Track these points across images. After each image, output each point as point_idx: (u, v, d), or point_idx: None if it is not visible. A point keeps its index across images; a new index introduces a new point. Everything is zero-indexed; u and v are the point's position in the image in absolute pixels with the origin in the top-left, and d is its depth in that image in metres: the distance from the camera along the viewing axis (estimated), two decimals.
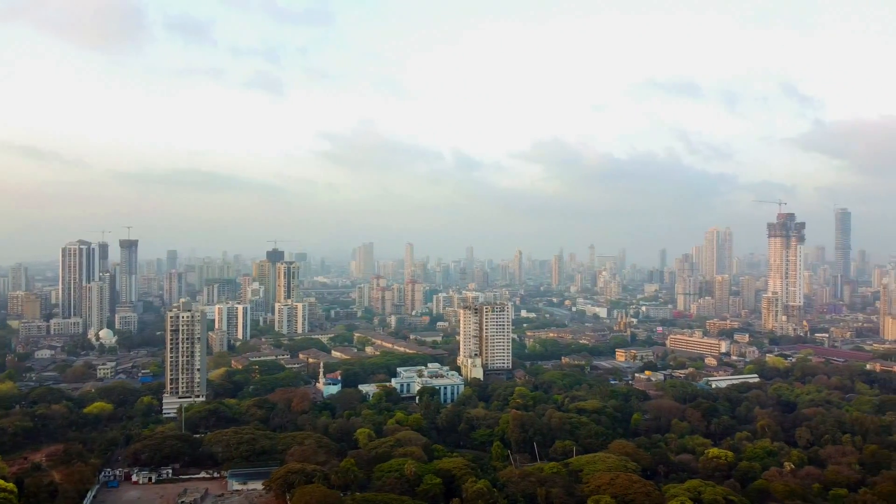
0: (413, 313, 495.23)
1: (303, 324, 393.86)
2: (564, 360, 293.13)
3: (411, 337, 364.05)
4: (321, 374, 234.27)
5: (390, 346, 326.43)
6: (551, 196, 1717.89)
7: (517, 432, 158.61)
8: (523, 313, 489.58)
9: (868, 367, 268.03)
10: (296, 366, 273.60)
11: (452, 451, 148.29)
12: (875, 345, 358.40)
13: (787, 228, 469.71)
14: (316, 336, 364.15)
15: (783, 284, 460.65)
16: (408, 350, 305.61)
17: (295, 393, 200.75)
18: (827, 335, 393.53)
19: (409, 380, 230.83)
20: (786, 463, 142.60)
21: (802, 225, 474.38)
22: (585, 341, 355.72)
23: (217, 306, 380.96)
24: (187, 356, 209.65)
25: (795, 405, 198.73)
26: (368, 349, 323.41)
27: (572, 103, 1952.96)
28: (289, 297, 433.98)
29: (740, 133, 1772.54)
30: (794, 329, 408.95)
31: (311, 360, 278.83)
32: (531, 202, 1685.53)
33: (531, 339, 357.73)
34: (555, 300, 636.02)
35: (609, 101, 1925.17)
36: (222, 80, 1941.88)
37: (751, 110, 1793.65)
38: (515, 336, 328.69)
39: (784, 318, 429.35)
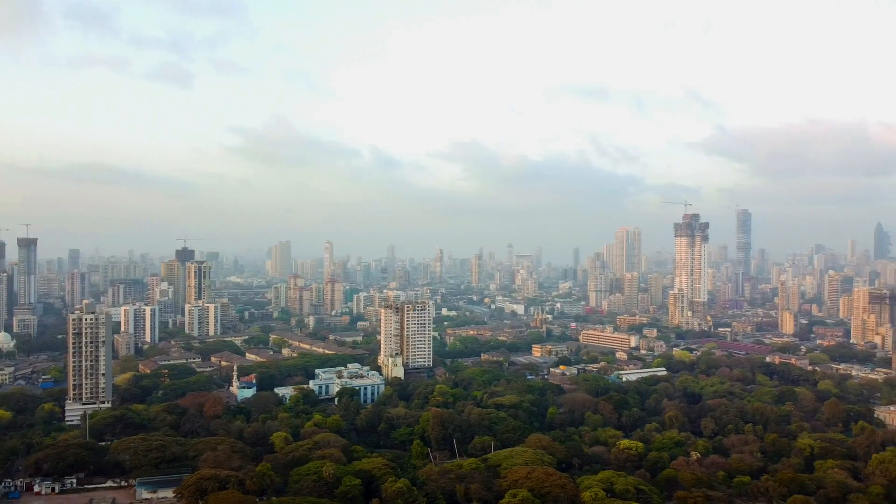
0: (333, 313, 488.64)
1: (215, 326, 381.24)
2: (484, 356, 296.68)
3: (331, 337, 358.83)
4: (235, 377, 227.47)
5: (308, 347, 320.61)
6: (471, 196, 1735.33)
7: (437, 430, 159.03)
8: (444, 311, 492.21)
9: (767, 359, 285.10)
10: (208, 369, 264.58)
11: (372, 452, 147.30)
12: (774, 338, 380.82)
13: (692, 228, 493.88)
14: (229, 338, 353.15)
15: (688, 281, 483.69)
16: (327, 351, 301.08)
17: (207, 397, 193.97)
18: (729, 329, 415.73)
19: (328, 381, 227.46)
20: (692, 452, 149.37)
21: (706, 225, 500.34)
22: (504, 338, 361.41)
23: (123, 308, 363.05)
24: (91, 360, 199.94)
25: (701, 397, 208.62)
26: (285, 351, 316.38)
27: (489, 105, 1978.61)
28: (200, 297, 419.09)
29: (648, 136, 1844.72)
30: (699, 324, 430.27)
31: (224, 363, 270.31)
32: (451, 202, 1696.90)
33: (452, 337, 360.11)
34: (475, 298, 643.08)
35: (525, 104, 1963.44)
36: (125, 70, 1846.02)
37: (657, 114, 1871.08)
38: (436, 334, 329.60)
39: (689, 313, 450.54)
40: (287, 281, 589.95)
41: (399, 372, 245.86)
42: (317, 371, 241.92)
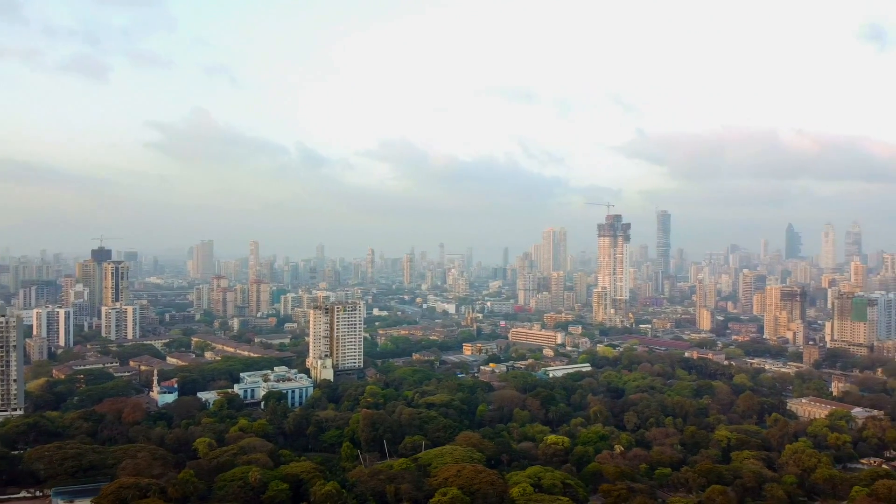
0: (258, 315, 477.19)
1: (134, 329, 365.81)
2: (415, 356, 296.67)
3: (256, 340, 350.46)
4: (155, 382, 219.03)
5: (233, 350, 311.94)
6: (401, 195, 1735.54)
7: (367, 431, 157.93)
8: (375, 311, 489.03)
9: (686, 354, 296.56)
10: (126, 374, 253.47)
11: (300, 456, 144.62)
12: (692, 334, 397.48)
13: (615, 228, 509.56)
14: (149, 342, 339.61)
15: (611, 280, 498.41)
16: (252, 354, 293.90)
17: (126, 403, 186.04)
18: (650, 326, 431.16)
19: (254, 385, 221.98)
20: (616, 446, 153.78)
21: (628, 225, 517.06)
22: (435, 337, 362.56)
23: (35, 310, 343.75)
24: (2, 366, 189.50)
25: (623, 391, 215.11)
26: (208, 354, 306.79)
27: (418, 104, 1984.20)
28: (118, 299, 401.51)
29: (572, 139, 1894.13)
30: (622, 321, 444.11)
31: (143, 368, 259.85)
32: (382, 200, 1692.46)
33: (383, 338, 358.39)
34: (406, 298, 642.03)
35: (453, 105, 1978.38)
36: (37, 62, 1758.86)
37: (582, 118, 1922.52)
38: (367, 335, 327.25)
39: (612, 310, 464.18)
40: (210, 282, 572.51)
41: (328, 374, 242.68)
42: (242, 375, 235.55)
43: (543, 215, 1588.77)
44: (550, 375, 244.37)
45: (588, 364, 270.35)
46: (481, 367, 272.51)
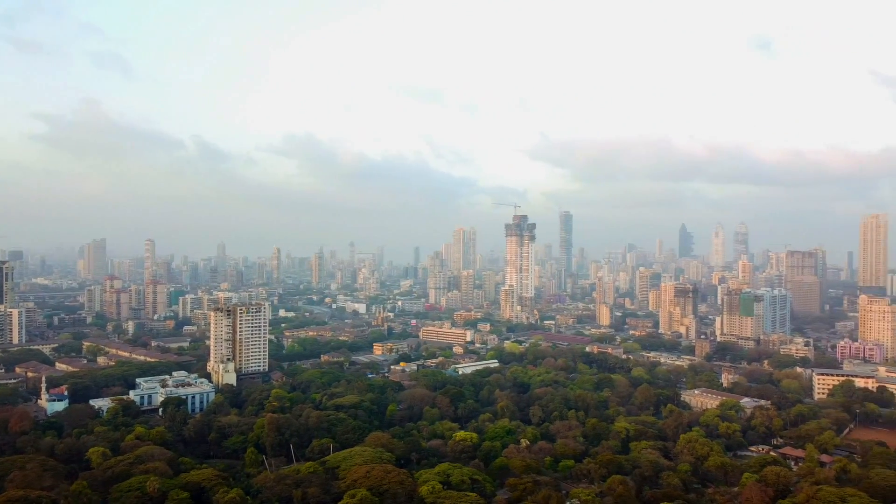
0: (155, 317, 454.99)
1: (20, 333, 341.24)
2: (324, 357, 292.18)
3: (153, 344, 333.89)
4: (43, 389, 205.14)
5: (128, 354, 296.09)
6: (308, 192, 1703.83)
7: (273, 436, 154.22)
8: (282, 313, 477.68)
9: (587, 349, 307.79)
10: (12, 381, 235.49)
11: (202, 463, 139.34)
12: (593, 329, 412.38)
13: (521, 228, 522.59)
14: (36, 346, 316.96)
15: (518, 278, 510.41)
16: (149, 358, 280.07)
17: (12, 412, 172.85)
18: (554, 322, 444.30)
19: (151, 391, 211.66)
20: (522, 440, 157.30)
21: (533, 226, 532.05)
22: (345, 337, 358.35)
23: None
24: None
25: (529, 386, 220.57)
26: (101, 359, 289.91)
27: (323, 100, 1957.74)
28: (1, 302, 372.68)
29: (480, 140, 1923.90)
30: (528, 317, 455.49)
31: (30, 374, 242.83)
32: (288, 198, 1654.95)
33: (290, 339, 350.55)
34: (315, 298, 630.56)
35: (360, 102, 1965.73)
36: None
37: (489, 120, 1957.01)
38: (273, 337, 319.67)
39: (519, 308, 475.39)
40: (102, 282, 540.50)
41: (231, 378, 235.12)
42: (138, 380, 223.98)
43: (453, 215, 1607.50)
44: (460, 373, 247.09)
45: (496, 360, 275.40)
46: (392, 367, 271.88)
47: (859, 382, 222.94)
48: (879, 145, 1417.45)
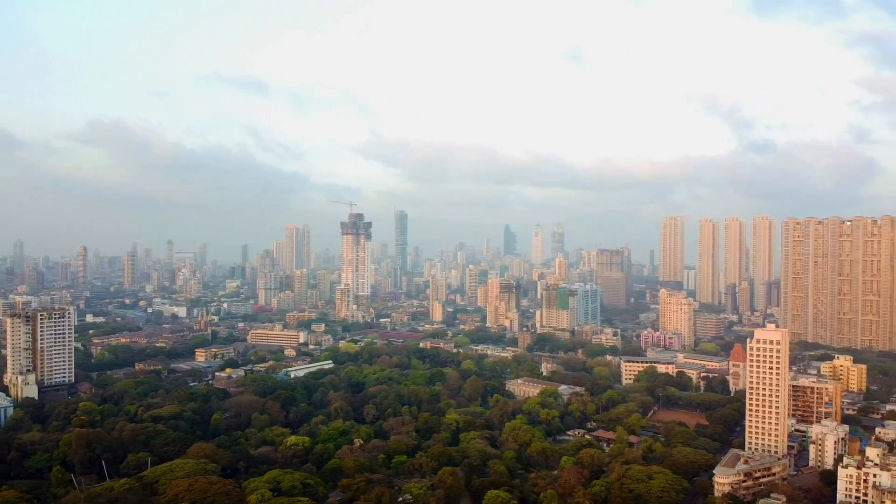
0: None
1: None
2: (139, 366, 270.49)
3: None
4: None
5: None
6: (119, 185, 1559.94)
7: (82, 452, 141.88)
8: (90, 318, 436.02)
9: (421, 345, 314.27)
10: None
11: (1, 486, 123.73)
12: (426, 326, 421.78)
13: (357, 227, 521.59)
14: None
15: (354, 277, 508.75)
16: None
17: None
18: (389, 320, 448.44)
19: None
20: (356, 440, 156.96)
21: (369, 224, 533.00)
22: (163, 344, 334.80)
23: None
24: None
25: (364, 385, 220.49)
26: None
27: (132, 86, 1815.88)
28: None
29: (309, 135, 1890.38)
30: (363, 316, 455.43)
31: None
32: (96, 191, 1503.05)
33: (100, 347, 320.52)
34: (128, 301, 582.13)
35: (174, 89, 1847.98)
36: None
37: (317, 114, 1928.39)
38: (80, 344, 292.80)
39: (355, 307, 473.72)
40: None
41: (32, 391, 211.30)
42: None
43: (285, 212, 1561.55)
44: (292, 376, 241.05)
45: (331, 361, 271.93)
46: (216, 374, 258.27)
47: (661, 368, 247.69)
48: (678, 154, 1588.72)
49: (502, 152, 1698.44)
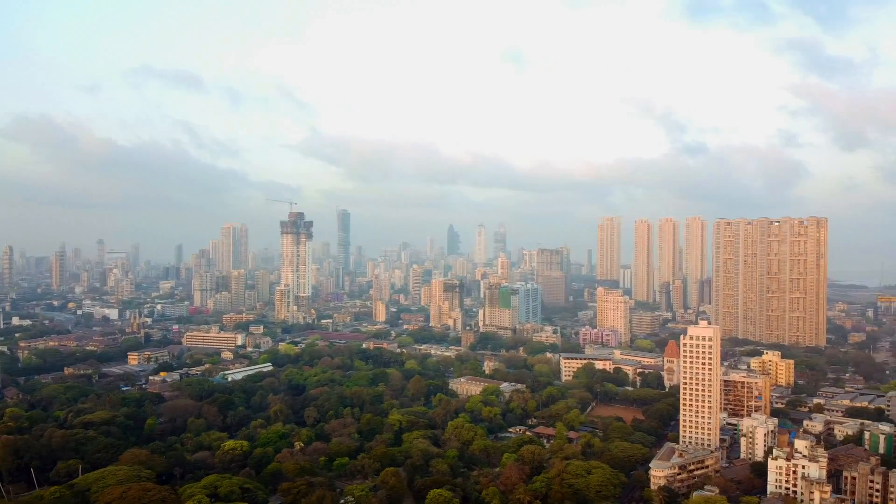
0: None
1: None
2: (68, 370, 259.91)
3: None
4: None
5: None
6: (46, 182, 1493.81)
7: (10, 460, 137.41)
8: (15, 321, 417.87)
9: (364, 345, 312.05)
10: None
11: None
12: (369, 326, 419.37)
13: (298, 226, 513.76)
14: None
15: (294, 277, 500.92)
16: None
17: None
18: (331, 321, 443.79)
19: None
20: (296, 443, 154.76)
21: (310, 223, 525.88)
22: (93, 347, 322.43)
23: None
24: None
25: (305, 387, 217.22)
26: None
27: (57, 79, 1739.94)
28: None
29: (246, 132, 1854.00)
30: (304, 317, 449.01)
31: None
32: (20, 188, 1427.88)
33: (26, 351, 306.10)
34: (56, 303, 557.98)
35: (105, 84, 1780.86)
36: None
37: (253, 110, 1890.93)
38: (5, 348, 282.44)
39: (295, 307, 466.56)
40: None
41: None
42: None
43: (221, 210, 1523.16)
44: (230, 379, 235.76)
45: (270, 364, 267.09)
46: (150, 378, 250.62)
47: (599, 365, 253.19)
48: (614, 156, 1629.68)
49: (444, 152, 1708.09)
